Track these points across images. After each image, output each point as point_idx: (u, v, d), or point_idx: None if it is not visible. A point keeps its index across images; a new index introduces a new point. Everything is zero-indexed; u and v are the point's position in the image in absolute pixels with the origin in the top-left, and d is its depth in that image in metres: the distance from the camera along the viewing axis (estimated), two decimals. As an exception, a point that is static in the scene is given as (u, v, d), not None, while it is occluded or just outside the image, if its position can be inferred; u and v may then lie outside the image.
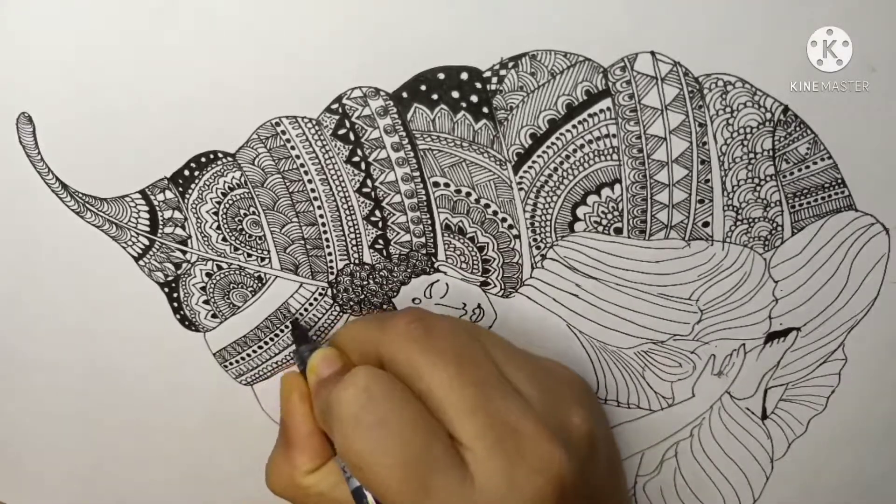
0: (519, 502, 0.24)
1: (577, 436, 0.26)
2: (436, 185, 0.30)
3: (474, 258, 0.32)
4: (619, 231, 0.31)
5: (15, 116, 0.29)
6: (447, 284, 0.32)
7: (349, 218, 0.31)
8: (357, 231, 0.31)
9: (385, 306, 0.32)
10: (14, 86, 0.29)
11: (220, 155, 0.30)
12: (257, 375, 0.34)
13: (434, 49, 0.28)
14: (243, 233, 0.31)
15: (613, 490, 0.30)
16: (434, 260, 0.32)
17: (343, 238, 0.31)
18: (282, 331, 0.33)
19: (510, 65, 0.29)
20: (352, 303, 0.32)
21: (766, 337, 0.33)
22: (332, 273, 0.32)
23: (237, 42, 0.28)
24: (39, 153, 0.30)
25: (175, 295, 0.32)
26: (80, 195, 0.30)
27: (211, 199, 0.31)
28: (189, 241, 0.31)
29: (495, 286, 0.32)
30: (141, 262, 0.32)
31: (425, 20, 0.28)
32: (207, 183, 0.30)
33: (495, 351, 0.27)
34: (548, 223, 0.31)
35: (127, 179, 0.30)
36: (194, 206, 0.31)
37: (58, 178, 0.30)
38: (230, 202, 0.31)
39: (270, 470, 0.30)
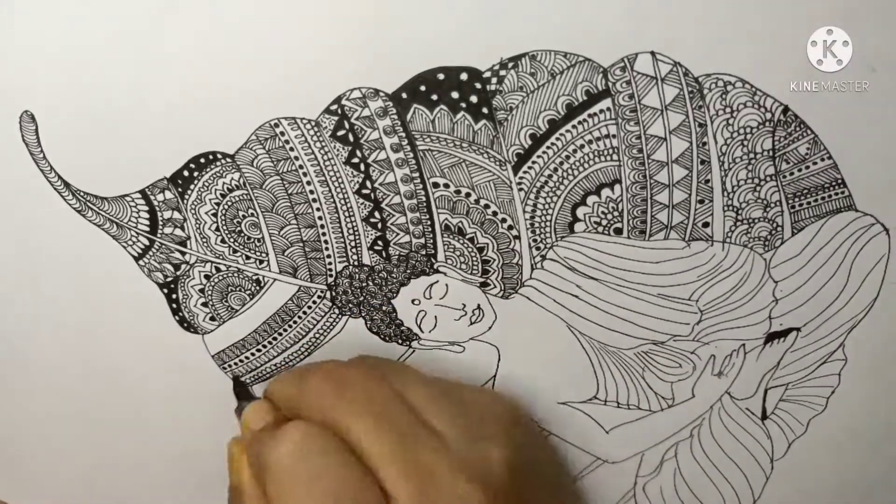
0: None
1: (498, 468, 0.26)
2: (435, 185, 0.30)
3: (474, 259, 0.31)
4: (619, 231, 0.31)
5: (18, 115, 0.29)
6: (447, 285, 0.32)
7: (348, 219, 0.31)
8: (356, 232, 0.31)
9: (384, 307, 0.32)
10: (17, 85, 0.29)
11: (219, 156, 0.30)
12: (256, 377, 0.34)
13: (433, 49, 0.28)
14: (242, 234, 0.31)
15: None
16: (434, 261, 0.32)
17: (342, 240, 0.31)
18: (280, 334, 0.33)
19: (510, 65, 0.29)
20: (351, 304, 0.32)
21: (766, 337, 0.33)
22: (330, 275, 0.32)
23: (236, 43, 0.28)
24: (42, 151, 0.30)
25: (174, 296, 0.32)
26: (82, 194, 0.30)
27: (210, 200, 0.31)
28: (188, 242, 0.31)
29: (495, 287, 0.32)
30: (141, 262, 0.32)
31: (425, 20, 0.28)
32: (206, 184, 0.30)
33: (412, 391, 0.28)
34: (548, 224, 0.31)
35: (127, 179, 0.30)
36: (193, 206, 0.31)
37: (60, 177, 0.30)
38: (229, 203, 0.31)
39: None
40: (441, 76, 0.29)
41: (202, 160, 0.30)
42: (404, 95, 0.29)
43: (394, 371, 0.29)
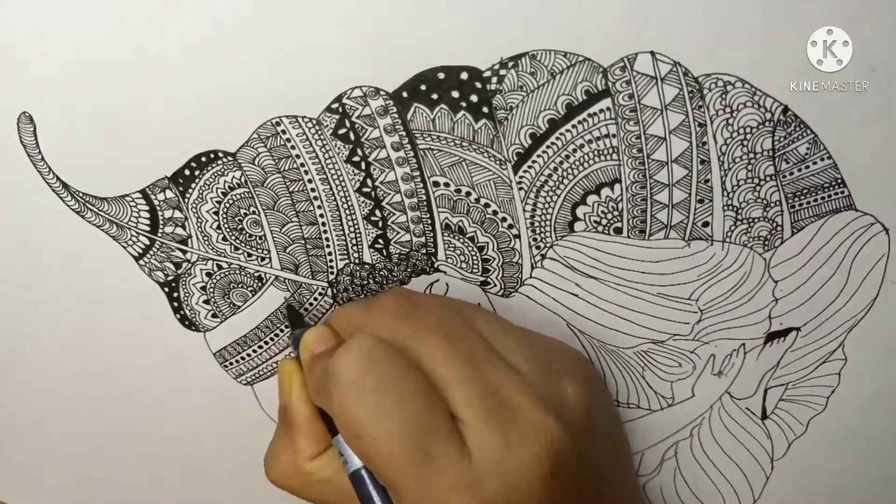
0: (515, 472, 0.24)
1: (572, 406, 0.26)
2: (436, 184, 0.30)
3: (474, 258, 0.32)
4: (618, 231, 0.31)
5: (16, 116, 0.29)
6: (447, 284, 0.32)
7: (349, 217, 0.31)
8: (357, 231, 0.31)
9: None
10: (15, 85, 0.29)
11: (220, 154, 0.30)
12: (257, 375, 0.34)
13: (434, 49, 0.28)
14: (243, 232, 0.31)
15: (614, 460, 0.29)
16: (434, 259, 0.32)
17: (343, 238, 0.31)
18: (282, 331, 0.33)
19: (510, 64, 0.29)
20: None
21: (766, 337, 0.33)
22: (332, 273, 0.32)
23: (237, 42, 0.28)
24: (40, 153, 0.30)
25: (175, 295, 0.32)
26: (81, 195, 0.30)
27: (211, 198, 0.31)
28: (189, 240, 0.31)
29: (495, 286, 0.32)
30: (141, 262, 0.32)
31: (425, 20, 0.28)
32: (208, 182, 0.30)
33: (485, 324, 0.27)
34: (547, 223, 0.31)
35: (127, 179, 0.30)
36: (194, 205, 0.31)
37: (58, 178, 0.30)
38: (230, 202, 0.31)
39: (271, 459, 0.30)
40: (442, 75, 0.29)
41: (203, 159, 0.30)
42: (405, 94, 0.29)
43: (465, 303, 0.28)
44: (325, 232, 0.31)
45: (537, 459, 0.24)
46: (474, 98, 0.29)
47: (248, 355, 0.33)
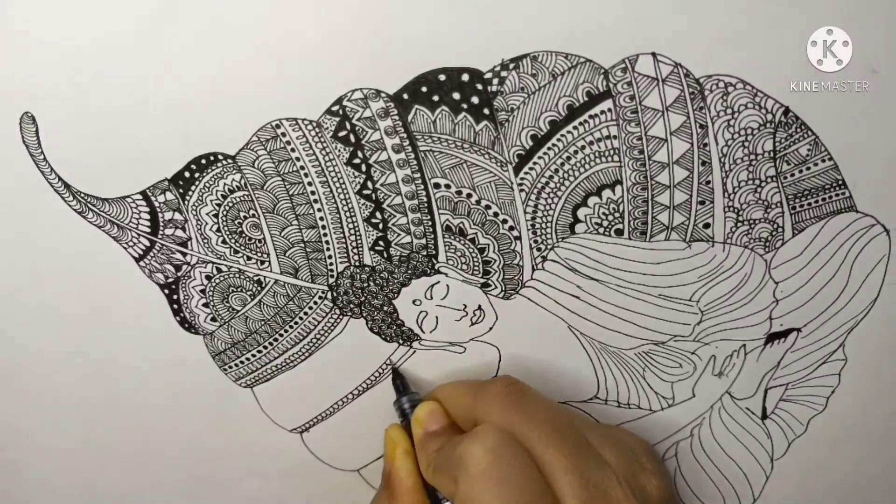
0: None
1: (656, 500, 0.27)
2: (437, 186, 0.30)
3: (475, 259, 0.31)
4: (619, 232, 0.31)
5: (18, 116, 0.29)
6: (448, 286, 0.32)
7: (349, 220, 0.31)
8: (357, 233, 0.31)
9: (385, 308, 0.32)
10: (17, 86, 0.29)
11: (220, 157, 0.30)
12: (257, 378, 0.34)
13: (435, 50, 0.28)
14: (243, 235, 0.31)
15: None
16: (435, 261, 0.32)
17: (343, 240, 0.31)
18: (281, 335, 0.33)
19: (511, 66, 0.29)
20: (352, 305, 0.32)
21: (766, 338, 0.33)
22: (332, 276, 0.32)
23: (237, 44, 0.28)
24: (42, 153, 0.30)
25: (175, 297, 0.32)
26: (83, 195, 0.30)
27: (211, 201, 0.31)
28: (189, 242, 0.31)
29: (496, 287, 0.32)
30: (142, 263, 0.32)
31: (426, 22, 0.28)
32: (207, 185, 0.30)
33: (577, 418, 0.29)
34: (548, 224, 0.31)
35: (128, 180, 0.30)
36: (194, 207, 0.31)
37: (60, 178, 0.30)
38: (230, 204, 0.31)
39: None
40: (442, 77, 0.29)
41: (203, 161, 0.30)
42: (406, 96, 0.29)
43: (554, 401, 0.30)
44: (325, 235, 0.31)
45: None
46: (475, 100, 0.29)
47: (248, 359, 0.33)
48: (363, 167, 0.30)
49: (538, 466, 0.26)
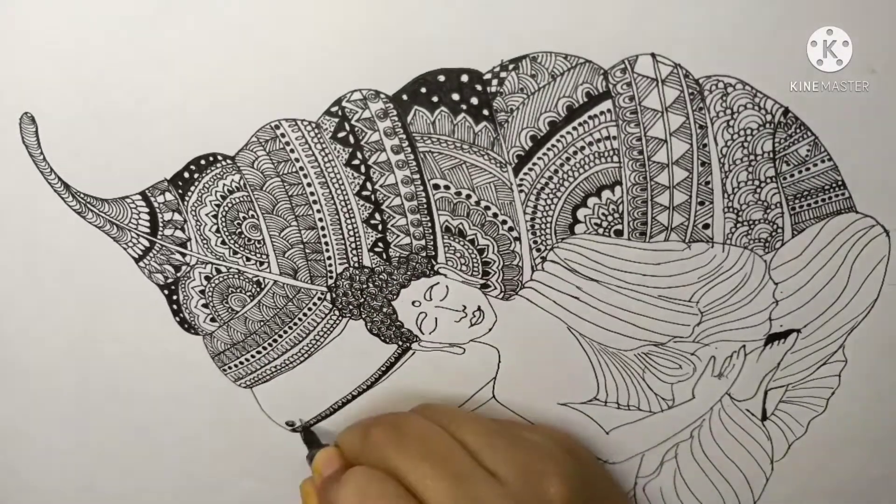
0: None
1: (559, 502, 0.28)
2: (436, 187, 0.30)
3: (474, 260, 0.31)
4: (619, 233, 0.31)
5: (18, 116, 0.29)
6: (447, 287, 0.32)
7: (349, 221, 0.31)
8: (356, 234, 0.31)
9: (385, 309, 0.32)
10: (17, 86, 0.29)
11: (219, 157, 0.30)
12: (256, 379, 0.34)
13: (434, 51, 0.28)
14: (242, 236, 0.31)
15: None
16: (434, 262, 0.32)
17: (342, 241, 0.31)
18: (280, 336, 0.33)
19: (510, 67, 0.29)
20: (351, 306, 0.32)
21: (766, 339, 0.33)
22: (331, 277, 0.32)
23: (237, 44, 0.28)
24: (42, 153, 0.30)
25: (174, 297, 0.32)
26: (82, 195, 0.30)
27: (210, 201, 0.31)
28: (189, 243, 0.31)
29: (495, 288, 0.32)
30: (141, 264, 0.32)
31: (425, 22, 0.28)
32: (207, 186, 0.30)
33: (471, 437, 0.29)
34: (548, 225, 0.31)
35: (128, 181, 0.30)
36: (194, 208, 0.31)
37: (60, 178, 0.30)
38: (229, 205, 0.31)
39: None
40: (442, 78, 0.29)
41: (202, 162, 0.30)
42: (405, 97, 0.29)
43: (451, 417, 0.30)
44: (324, 236, 0.31)
45: None
46: (475, 100, 0.29)
47: (247, 360, 0.33)
48: (362, 168, 0.30)
49: (422, 502, 0.27)
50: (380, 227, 0.31)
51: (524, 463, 0.28)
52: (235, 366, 0.33)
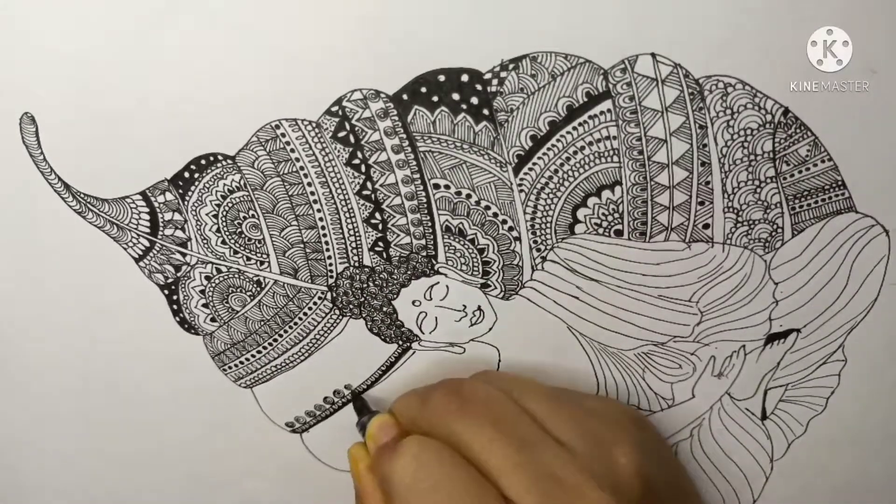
0: None
1: (626, 476, 0.26)
2: (436, 187, 0.30)
3: (474, 260, 0.31)
4: (619, 233, 0.31)
5: (18, 117, 0.29)
6: (447, 286, 0.32)
7: (349, 221, 0.31)
8: (357, 234, 0.31)
9: (385, 308, 0.32)
10: (17, 86, 0.29)
11: (219, 157, 0.30)
12: (257, 379, 0.34)
13: (434, 51, 0.28)
14: (242, 236, 0.31)
15: None
16: (434, 262, 0.32)
17: (343, 241, 0.31)
18: (281, 335, 0.33)
19: (511, 66, 0.29)
20: (351, 306, 0.32)
21: (766, 338, 0.33)
22: (331, 276, 0.32)
23: (237, 44, 0.28)
24: (42, 153, 0.30)
25: (175, 297, 0.32)
26: (82, 195, 0.30)
27: (210, 201, 0.31)
28: (189, 243, 0.31)
29: (496, 288, 0.32)
30: (141, 264, 0.32)
31: (425, 22, 0.28)
32: (207, 185, 0.30)
33: (534, 404, 0.28)
34: (548, 225, 0.31)
35: (128, 180, 0.30)
36: (194, 208, 0.31)
37: (60, 179, 0.30)
38: (230, 205, 0.31)
39: None
40: (442, 77, 0.29)
41: (203, 161, 0.30)
42: (405, 97, 0.29)
43: (514, 383, 0.29)
44: (324, 235, 0.31)
45: None
46: (475, 100, 0.29)
47: (248, 359, 0.33)
48: (363, 168, 0.30)
49: (486, 470, 0.26)
50: (380, 227, 0.31)
51: (593, 431, 0.27)
52: (235, 365, 0.33)
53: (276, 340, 0.33)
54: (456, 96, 0.29)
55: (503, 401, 0.28)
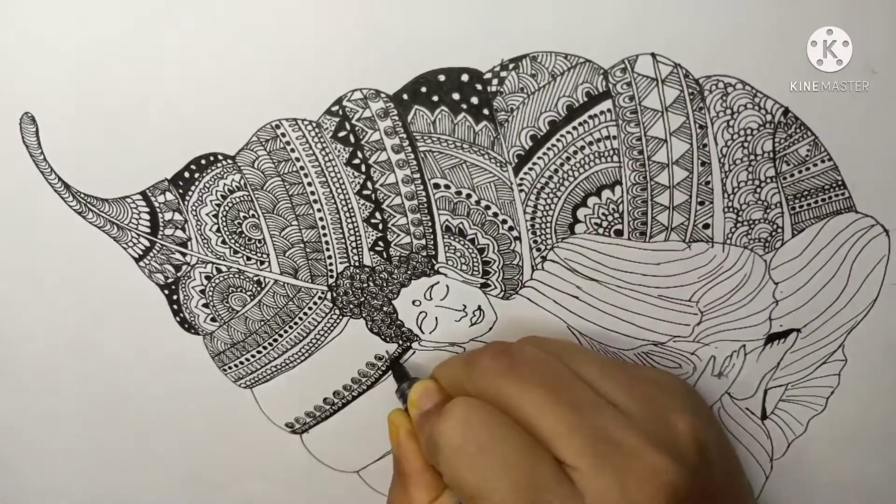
0: None
1: (684, 441, 0.26)
2: (436, 186, 0.30)
3: (475, 260, 0.31)
4: (619, 233, 0.31)
5: (18, 117, 0.29)
6: (447, 286, 0.32)
7: (349, 220, 0.31)
8: (357, 233, 0.31)
9: (385, 308, 0.32)
10: (17, 86, 0.29)
11: (219, 157, 0.30)
12: (256, 379, 0.34)
13: (434, 51, 0.28)
14: (243, 236, 0.31)
15: (732, 491, 0.29)
16: (434, 262, 0.32)
17: (343, 241, 0.31)
18: (281, 335, 0.33)
19: (511, 66, 0.29)
20: (352, 305, 0.32)
21: (766, 338, 0.33)
22: (331, 276, 0.32)
23: (237, 44, 0.28)
24: (42, 153, 0.30)
25: (175, 297, 0.32)
26: (83, 195, 0.30)
27: (211, 201, 0.31)
28: (189, 243, 0.31)
29: (496, 288, 0.32)
30: (141, 264, 0.32)
31: (426, 22, 0.28)
32: (207, 185, 0.30)
33: (587, 368, 0.27)
34: (548, 225, 0.31)
35: (128, 180, 0.30)
36: (194, 208, 0.31)
37: (60, 178, 0.30)
38: (230, 205, 0.31)
39: None
40: (442, 77, 0.29)
41: (203, 161, 0.30)
42: (405, 97, 0.29)
43: (564, 347, 0.28)
44: (324, 235, 0.31)
45: (655, 501, 0.24)
46: (475, 100, 0.29)
47: (248, 359, 0.33)
48: (363, 167, 0.30)
49: (538, 433, 0.25)
50: (380, 227, 0.31)
51: (649, 395, 0.26)
52: (235, 365, 0.33)
53: (276, 340, 0.33)
54: (456, 96, 0.29)
55: (552, 363, 0.27)
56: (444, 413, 0.26)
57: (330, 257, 0.31)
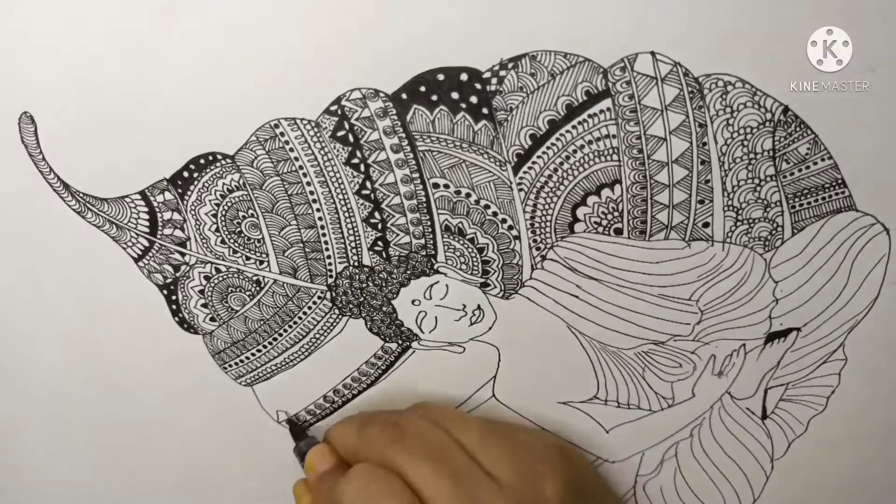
0: None
1: (556, 501, 0.28)
2: (435, 186, 0.30)
3: (474, 259, 0.31)
4: (619, 232, 0.31)
5: (17, 116, 0.29)
6: (447, 286, 0.32)
7: (348, 220, 0.31)
8: (356, 233, 0.31)
9: (384, 308, 0.32)
10: (16, 86, 0.29)
11: (218, 157, 0.30)
12: (257, 377, 0.34)
13: (433, 50, 0.28)
14: (242, 235, 0.31)
15: None
16: (434, 261, 0.32)
17: (342, 240, 0.31)
18: (280, 334, 0.33)
19: (510, 65, 0.29)
20: (351, 305, 0.32)
21: (766, 337, 0.33)
22: (331, 276, 0.32)
23: (237, 43, 0.28)
24: (41, 153, 0.30)
25: (174, 297, 0.32)
26: (82, 195, 0.30)
27: (210, 201, 0.31)
28: (188, 242, 0.31)
29: (495, 287, 0.32)
30: (141, 263, 0.32)
31: (425, 21, 0.28)
32: (206, 185, 0.30)
33: (468, 436, 0.30)
34: (548, 224, 0.31)
35: (127, 180, 0.30)
36: (193, 207, 0.31)
37: (59, 178, 0.30)
38: (229, 204, 0.31)
39: None
40: (441, 77, 0.29)
41: (202, 161, 0.30)
42: (404, 96, 0.29)
43: (447, 416, 0.31)
44: (324, 235, 0.31)
45: None
46: (474, 99, 0.29)
47: (248, 358, 0.33)
48: (362, 167, 0.30)
49: (422, 499, 0.27)
50: (379, 226, 0.31)
51: (520, 463, 0.29)
52: (235, 364, 0.33)
53: (275, 339, 0.33)
54: (455, 95, 0.29)
55: (438, 434, 0.29)
56: (348, 476, 0.29)
57: (329, 257, 0.31)
